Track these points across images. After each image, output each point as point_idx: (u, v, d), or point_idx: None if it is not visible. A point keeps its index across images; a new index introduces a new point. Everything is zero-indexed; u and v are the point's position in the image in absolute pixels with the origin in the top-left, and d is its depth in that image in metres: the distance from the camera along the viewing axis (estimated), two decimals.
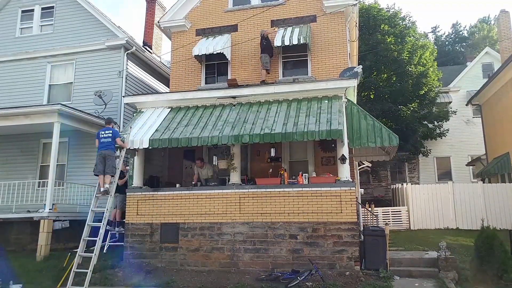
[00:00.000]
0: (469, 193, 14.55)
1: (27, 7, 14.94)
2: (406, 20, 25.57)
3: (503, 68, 15.18)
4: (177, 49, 13.16)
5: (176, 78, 13.09)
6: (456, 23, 56.11)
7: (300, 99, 9.96)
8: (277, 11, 12.52)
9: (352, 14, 12.23)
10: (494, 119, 17.26)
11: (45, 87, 14.09)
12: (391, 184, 23.14)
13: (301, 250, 8.68)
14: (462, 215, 14.38)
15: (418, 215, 14.77)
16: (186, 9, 13.33)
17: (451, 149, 24.79)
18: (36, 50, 14.32)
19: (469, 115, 24.95)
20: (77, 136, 12.97)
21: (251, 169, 11.64)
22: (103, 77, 13.57)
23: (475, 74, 26.01)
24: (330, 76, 11.49)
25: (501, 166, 15.52)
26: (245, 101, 10.30)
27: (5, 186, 11.80)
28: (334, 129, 8.49)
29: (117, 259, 10.00)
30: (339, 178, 8.98)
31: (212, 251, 9.19)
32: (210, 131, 9.33)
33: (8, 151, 13.78)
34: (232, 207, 9.32)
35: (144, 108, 10.91)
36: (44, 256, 10.21)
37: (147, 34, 16.77)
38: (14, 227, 11.74)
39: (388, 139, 9.19)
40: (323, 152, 11.13)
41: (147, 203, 9.83)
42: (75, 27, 14.26)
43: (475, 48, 41.18)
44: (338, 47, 11.91)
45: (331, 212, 8.72)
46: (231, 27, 12.82)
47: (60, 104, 11.17)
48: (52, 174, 11.05)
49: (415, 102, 22.90)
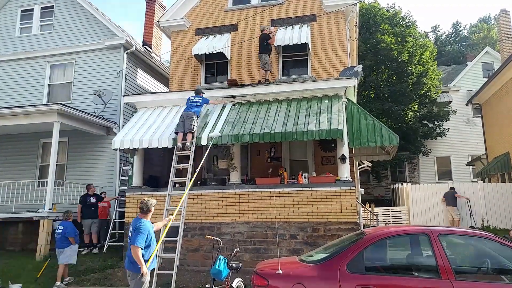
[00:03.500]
0: (469, 192, 14.54)
1: (26, 7, 14.91)
2: (406, 19, 25.56)
3: (503, 68, 15.15)
4: (176, 48, 13.14)
5: (175, 78, 13.07)
6: (456, 22, 56.18)
7: (300, 98, 9.94)
8: (277, 11, 12.50)
9: (352, 13, 12.21)
10: (494, 118, 17.24)
11: (44, 86, 14.07)
12: (391, 184, 23.13)
13: (301, 250, 8.66)
14: (462, 215, 14.35)
15: (418, 214, 14.74)
16: (186, 8, 13.31)
17: (451, 148, 24.79)
18: (35, 49, 14.30)
19: (469, 115, 24.95)
20: (77, 136, 12.97)
21: (251, 169, 11.63)
22: (102, 76, 13.55)
23: (475, 74, 26.01)
24: (330, 75, 11.47)
25: (501, 166, 15.50)
26: (245, 100, 10.29)
27: (5, 186, 11.80)
28: (334, 128, 8.47)
29: (117, 259, 10.00)
30: (339, 177, 8.97)
31: (212, 251, 9.17)
32: (210, 131, 9.32)
33: (8, 151, 13.77)
34: (232, 207, 9.30)
35: (143, 108, 10.90)
36: (44, 255, 10.18)
37: (147, 34, 16.75)
38: (14, 226, 11.73)
39: (388, 139, 9.17)
40: (323, 151, 11.11)
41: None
42: (75, 26, 14.24)
43: (475, 47, 41.16)
44: (338, 46, 11.89)
45: (331, 212, 8.71)
46: (231, 27, 12.80)
47: (60, 104, 11.14)
48: (51, 173, 11.03)
49: (415, 102, 22.90)
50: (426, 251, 4.59)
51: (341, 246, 4.84)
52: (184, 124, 9.28)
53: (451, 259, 4.34)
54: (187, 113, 9.38)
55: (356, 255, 4.45)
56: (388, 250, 4.88)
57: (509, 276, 4.36)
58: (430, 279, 4.30)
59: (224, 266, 5.92)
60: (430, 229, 4.66)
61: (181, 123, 9.34)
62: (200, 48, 12.19)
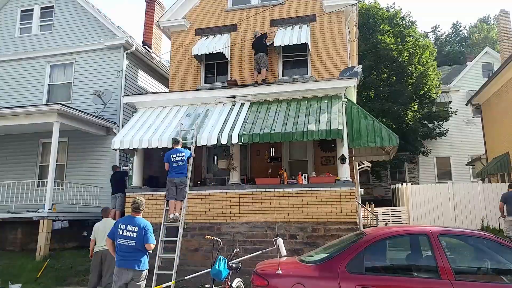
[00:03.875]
0: (469, 193, 14.54)
1: (26, 7, 14.91)
2: (406, 19, 25.60)
3: (503, 68, 15.14)
4: (176, 48, 13.14)
5: (175, 78, 13.08)
6: (456, 23, 56.20)
7: (300, 98, 9.94)
8: (277, 11, 12.50)
9: (351, 13, 12.21)
10: (494, 119, 17.24)
11: (44, 87, 14.07)
12: (391, 184, 23.13)
13: (300, 250, 8.65)
14: (462, 215, 14.36)
15: (418, 215, 14.74)
16: (185, 8, 13.32)
17: (451, 149, 24.79)
18: (35, 50, 14.30)
19: (469, 115, 24.94)
20: (77, 136, 12.97)
21: (250, 169, 11.63)
22: (102, 77, 13.55)
23: (475, 74, 26.01)
24: (330, 75, 11.48)
25: (501, 166, 15.50)
26: (244, 100, 10.29)
27: (5, 186, 11.80)
28: (334, 129, 8.47)
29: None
30: (339, 178, 8.97)
31: (211, 251, 9.16)
32: (210, 131, 9.32)
33: (8, 151, 13.76)
34: (231, 207, 9.30)
35: (143, 108, 10.90)
36: (44, 256, 10.19)
37: (147, 34, 16.76)
38: (14, 227, 11.72)
39: (388, 139, 9.17)
40: (323, 152, 11.11)
41: (147, 203, 9.76)
42: (75, 26, 14.24)
43: (475, 48, 41.18)
44: (338, 46, 11.90)
45: (331, 212, 8.70)
46: (230, 27, 12.80)
47: (60, 104, 11.14)
48: (51, 174, 11.03)
49: (415, 102, 22.90)
50: (425, 252, 4.60)
51: (341, 246, 4.84)
52: (176, 192, 8.41)
53: (451, 259, 4.35)
54: (180, 180, 8.38)
55: (356, 255, 4.45)
56: (388, 250, 4.88)
57: (509, 276, 4.36)
58: (430, 279, 4.31)
59: (224, 266, 5.92)
60: (430, 229, 4.66)
61: (173, 189, 8.42)
62: (199, 48, 12.19)
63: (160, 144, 9.46)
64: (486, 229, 13.17)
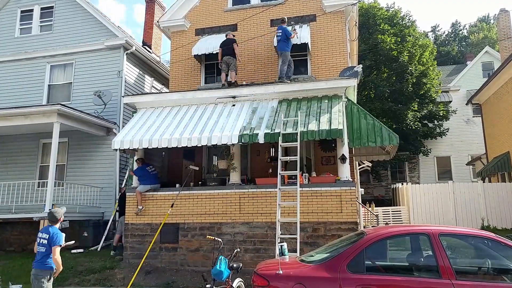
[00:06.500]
0: (469, 192, 14.54)
1: (26, 7, 14.90)
2: (406, 19, 25.59)
3: (503, 68, 15.15)
4: (176, 48, 13.14)
5: (175, 78, 13.07)
6: (456, 22, 56.06)
7: (300, 98, 9.94)
8: (277, 11, 12.50)
9: (351, 13, 12.21)
10: (494, 118, 17.24)
11: (44, 87, 14.07)
12: (391, 184, 23.12)
13: (301, 250, 8.65)
14: (462, 214, 14.37)
15: (418, 214, 14.75)
16: (185, 8, 13.31)
17: (451, 148, 24.78)
18: (35, 50, 14.30)
19: (469, 115, 24.94)
20: (77, 136, 12.97)
21: (251, 169, 11.62)
22: (102, 77, 13.54)
23: (475, 74, 26.01)
24: (330, 75, 11.47)
25: (501, 166, 15.50)
26: (244, 100, 10.28)
27: (5, 186, 11.79)
28: (334, 128, 8.46)
29: (117, 259, 9.99)
30: (339, 177, 8.96)
31: (212, 251, 9.17)
32: (210, 131, 9.31)
33: (8, 151, 13.76)
34: (232, 207, 9.30)
35: (143, 108, 10.89)
36: None
37: (147, 34, 16.76)
38: (14, 227, 11.73)
39: (388, 139, 9.17)
40: (323, 151, 11.10)
41: (147, 204, 9.82)
42: (75, 27, 14.24)
43: (475, 47, 41.17)
44: (338, 46, 11.89)
45: (331, 212, 8.70)
46: (230, 27, 12.79)
47: (60, 104, 11.14)
48: (51, 174, 11.02)
49: (415, 102, 22.90)
50: (426, 251, 4.59)
51: (341, 246, 4.84)
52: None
53: (452, 259, 4.34)
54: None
55: (357, 255, 4.45)
56: (389, 250, 4.87)
57: (509, 276, 4.36)
58: (430, 279, 4.30)
59: (225, 266, 5.93)
60: (430, 229, 4.66)
61: None
62: (199, 48, 12.18)
63: (160, 144, 9.44)
64: (486, 229, 13.17)
